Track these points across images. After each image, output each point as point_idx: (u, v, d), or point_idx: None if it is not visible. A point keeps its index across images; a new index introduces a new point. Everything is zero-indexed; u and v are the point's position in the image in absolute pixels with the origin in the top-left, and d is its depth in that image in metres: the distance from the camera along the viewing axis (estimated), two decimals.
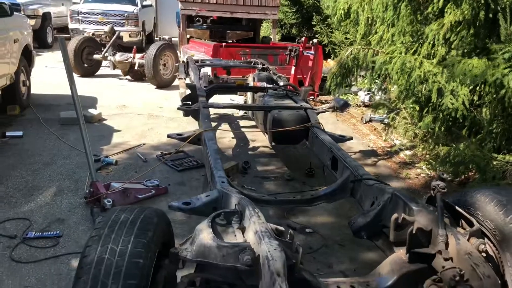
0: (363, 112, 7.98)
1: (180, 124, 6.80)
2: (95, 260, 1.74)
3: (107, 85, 9.58)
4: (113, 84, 9.80)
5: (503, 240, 2.21)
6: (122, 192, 4.09)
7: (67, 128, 6.26)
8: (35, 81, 8.22)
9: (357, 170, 3.26)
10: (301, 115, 4.60)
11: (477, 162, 4.36)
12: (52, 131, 6.05)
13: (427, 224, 2.18)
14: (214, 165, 3.27)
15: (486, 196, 2.37)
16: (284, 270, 1.79)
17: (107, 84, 9.68)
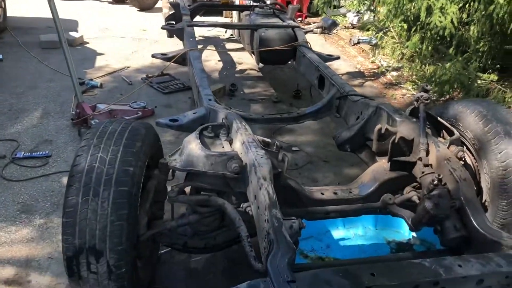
0: (351, 33, 7.85)
1: (164, 46, 6.64)
2: (86, 168, 1.78)
3: (88, 8, 9.22)
4: (94, 7, 9.43)
5: (481, 148, 2.29)
6: (109, 113, 4.08)
7: (48, 51, 6.09)
8: (11, 3, 7.85)
9: (343, 87, 3.28)
10: (289, 34, 4.53)
11: (462, 80, 4.41)
12: (33, 55, 5.89)
13: (409, 133, 2.24)
14: (200, 84, 3.26)
15: (467, 108, 2.42)
16: (270, 176, 1.85)
17: (87, 7, 9.31)
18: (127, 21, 8.24)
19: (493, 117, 2.31)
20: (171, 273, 2.48)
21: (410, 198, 2.19)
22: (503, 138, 2.22)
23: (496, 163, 2.20)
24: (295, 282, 1.38)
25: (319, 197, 2.20)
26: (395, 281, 1.46)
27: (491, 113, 2.34)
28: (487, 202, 2.30)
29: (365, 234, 2.68)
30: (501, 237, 1.72)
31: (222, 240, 2.21)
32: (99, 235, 1.71)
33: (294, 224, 1.67)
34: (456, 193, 1.93)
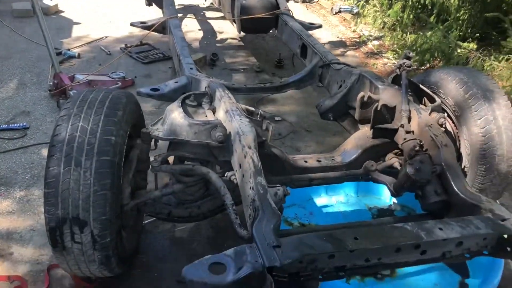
0: (333, 2, 7.76)
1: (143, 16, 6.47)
2: (67, 138, 1.75)
3: None
4: None
5: (461, 115, 2.33)
6: (88, 84, 4.00)
7: (21, 20, 5.88)
8: None
9: (326, 56, 3.27)
10: (270, 1, 4.45)
11: (443, 49, 4.43)
12: (5, 24, 5.66)
13: (392, 101, 2.26)
14: (181, 52, 3.21)
15: (448, 75, 2.45)
16: (255, 144, 1.85)
17: None
18: None
19: (473, 84, 2.34)
20: (156, 242, 2.49)
21: (392, 165, 2.22)
22: (483, 104, 2.25)
23: (476, 129, 2.24)
24: (280, 246, 1.40)
25: (302, 164, 2.22)
26: (378, 244, 1.49)
27: (471, 80, 2.37)
28: (467, 168, 2.35)
29: (347, 201, 2.73)
30: (480, 200, 1.77)
31: (206, 209, 2.22)
32: (82, 205, 1.70)
33: (279, 191, 1.68)
34: (437, 158, 1.96)
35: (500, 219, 1.65)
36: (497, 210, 1.69)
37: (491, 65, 4.19)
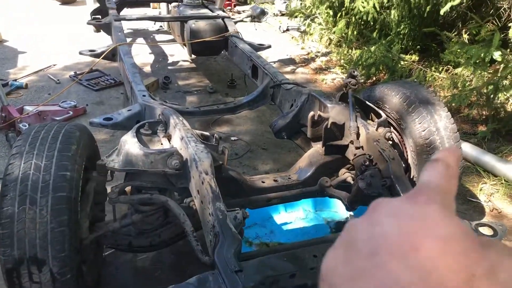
0: (280, 21, 7.97)
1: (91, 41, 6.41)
2: (20, 176, 1.72)
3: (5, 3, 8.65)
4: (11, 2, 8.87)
5: (406, 127, 2.46)
6: (38, 115, 3.91)
7: None
8: None
9: (276, 76, 3.36)
10: (219, 24, 4.54)
11: (387, 62, 4.65)
12: None
13: (340, 118, 2.36)
14: (133, 79, 3.21)
15: (392, 90, 2.58)
16: (212, 169, 1.89)
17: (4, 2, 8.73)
18: (49, 16, 7.85)
19: (415, 98, 2.48)
20: (118, 273, 2.46)
21: (345, 180, 2.32)
22: (425, 117, 2.39)
23: (420, 141, 2.38)
24: (242, 271, 1.43)
25: (260, 185, 2.27)
26: None
27: (414, 94, 2.52)
28: (415, 178, 2.48)
29: (305, 217, 2.79)
30: None
31: (167, 237, 2.22)
32: (40, 244, 1.67)
33: (238, 214, 1.72)
34: (386, 172, 2.06)
35: None
36: None
37: (433, 75, 4.43)
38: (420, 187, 0.36)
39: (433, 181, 0.36)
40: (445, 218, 0.32)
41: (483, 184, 3.32)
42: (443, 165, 0.37)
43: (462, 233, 0.32)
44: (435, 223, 0.32)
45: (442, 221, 0.32)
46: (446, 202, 0.35)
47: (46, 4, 8.78)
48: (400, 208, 0.34)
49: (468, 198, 3.20)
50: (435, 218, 0.32)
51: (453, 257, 0.30)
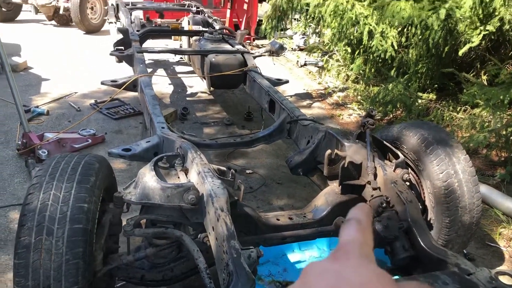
0: (298, 56, 8.08)
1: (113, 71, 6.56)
2: (38, 207, 1.74)
3: (31, 31, 8.95)
4: (38, 30, 9.18)
5: (424, 169, 2.44)
6: (57, 142, 3.98)
7: None
8: None
9: (293, 112, 3.38)
10: (239, 59, 4.61)
11: (404, 100, 4.65)
12: None
13: (358, 158, 2.35)
14: (152, 111, 3.26)
15: (410, 131, 2.58)
16: (227, 206, 1.88)
17: (30, 30, 9.04)
18: (73, 45, 8.08)
19: (433, 139, 2.47)
20: None
21: None
22: (444, 159, 2.37)
23: (438, 183, 2.35)
24: None
25: (275, 223, 2.26)
26: None
27: (432, 135, 2.50)
28: (432, 220, 2.44)
29: (320, 256, 2.75)
30: (446, 255, 1.84)
31: (180, 272, 2.20)
32: (54, 275, 1.67)
33: (252, 253, 1.71)
34: (403, 214, 2.04)
35: (466, 273, 1.71)
36: (462, 264, 1.76)
37: (450, 115, 4.41)
38: (340, 245, 0.42)
39: (350, 238, 0.42)
40: (362, 267, 0.38)
41: (502, 228, 3.25)
42: (355, 222, 0.43)
43: (377, 278, 0.37)
44: (353, 273, 0.37)
45: (358, 271, 0.37)
46: (364, 252, 0.40)
47: (71, 33, 9.06)
48: (325, 268, 0.39)
49: (486, 242, 3.13)
50: (352, 269, 0.38)
51: None
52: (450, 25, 4.17)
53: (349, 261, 0.39)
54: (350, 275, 0.37)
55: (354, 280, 0.36)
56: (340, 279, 0.37)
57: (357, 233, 0.43)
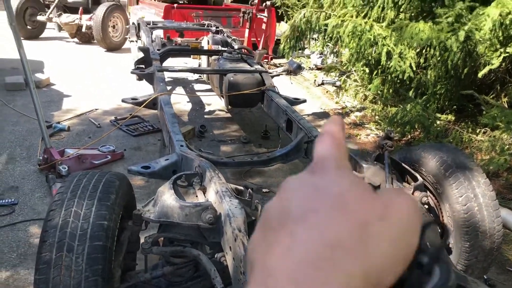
0: (315, 75, 8.12)
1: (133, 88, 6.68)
2: (60, 223, 1.77)
3: (54, 48, 9.18)
4: (60, 47, 9.41)
5: (443, 192, 2.42)
6: (78, 158, 4.04)
7: (13, 93, 6.02)
8: None
9: (311, 131, 3.39)
10: (257, 78, 4.66)
11: (422, 121, 4.62)
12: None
13: (376, 180, 2.35)
14: (172, 129, 3.30)
15: (429, 153, 2.56)
16: (245, 226, 1.89)
17: (53, 47, 9.27)
18: (94, 62, 8.26)
19: (453, 162, 2.45)
20: None
21: None
22: (463, 182, 2.35)
23: (458, 207, 2.33)
24: None
25: None
26: None
27: (451, 158, 2.49)
28: (451, 244, 2.41)
29: None
30: (465, 281, 1.80)
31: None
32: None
33: None
34: None
35: None
36: None
37: (469, 137, 4.37)
38: (316, 160, 0.41)
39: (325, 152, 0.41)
40: (339, 178, 0.37)
41: None
42: (329, 136, 0.42)
43: (356, 187, 0.36)
44: (331, 184, 0.36)
45: (336, 182, 0.36)
46: (341, 164, 0.39)
47: (93, 50, 9.26)
48: (302, 181, 0.38)
49: (507, 268, 3.06)
50: (330, 181, 0.37)
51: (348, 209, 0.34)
52: (469, 46, 4.16)
53: (326, 174, 0.38)
54: (329, 186, 0.36)
55: (333, 190, 0.36)
56: (318, 191, 0.36)
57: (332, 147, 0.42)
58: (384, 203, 0.35)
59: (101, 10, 8.98)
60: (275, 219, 0.36)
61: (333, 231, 0.33)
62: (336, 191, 0.35)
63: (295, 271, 0.32)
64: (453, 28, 4.01)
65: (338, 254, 0.32)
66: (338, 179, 0.37)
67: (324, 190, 0.36)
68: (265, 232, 0.36)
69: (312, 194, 0.36)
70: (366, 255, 0.32)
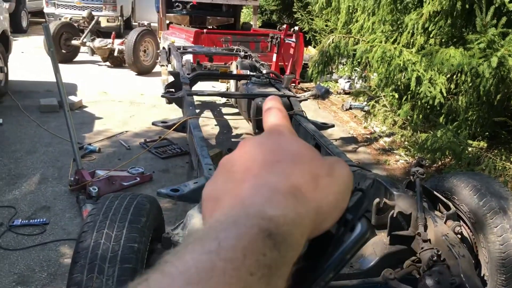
0: (343, 99, 8.10)
1: (162, 111, 6.81)
2: (91, 245, 1.80)
3: (87, 72, 9.46)
4: (93, 71, 9.69)
5: (477, 222, 2.35)
6: (108, 180, 4.11)
7: (47, 115, 6.21)
8: (12, 67, 8.06)
9: (340, 157, 3.37)
10: (285, 103, 4.67)
11: (453, 148, 4.53)
12: (32, 119, 5.99)
13: (407, 208, 2.30)
14: (200, 153, 3.33)
15: (462, 181, 2.51)
16: None
17: (86, 71, 9.55)
18: (125, 85, 8.46)
19: (487, 191, 2.39)
20: None
21: (410, 272, 2.21)
22: (498, 212, 2.28)
23: (493, 237, 2.25)
24: None
25: None
26: None
27: (484, 187, 2.42)
28: (486, 276, 2.33)
29: None
30: None
31: None
32: None
33: None
34: (455, 269, 1.95)
35: None
36: None
37: (503, 165, 4.25)
38: (270, 127, 0.47)
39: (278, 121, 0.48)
40: (295, 141, 0.44)
41: None
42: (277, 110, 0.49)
43: (309, 148, 0.43)
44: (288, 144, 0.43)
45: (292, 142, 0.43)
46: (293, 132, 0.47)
47: (124, 73, 9.50)
48: (263, 140, 0.44)
49: None
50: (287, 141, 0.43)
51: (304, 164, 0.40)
52: (502, 73, 4.09)
53: (283, 136, 0.45)
54: (288, 145, 0.43)
55: (292, 148, 0.42)
56: (280, 147, 0.42)
57: (282, 118, 0.48)
58: (330, 165, 0.43)
59: (133, 35, 9.23)
60: (239, 166, 0.41)
61: (293, 178, 0.39)
62: (295, 148, 0.42)
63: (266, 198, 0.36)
64: (485, 54, 3.96)
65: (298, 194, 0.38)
66: (294, 141, 0.44)
67: (285, 147, 0.42)
68: (229, 177, 0.41)
69: (275, 149, 0.42)
70: (317, 200, 0.39)
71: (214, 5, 12.34)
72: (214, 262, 0.30)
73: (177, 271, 0.30)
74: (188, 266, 0.30)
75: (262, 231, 0.33)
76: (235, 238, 0.32)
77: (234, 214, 0.35)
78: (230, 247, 0.32)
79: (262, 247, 0.32)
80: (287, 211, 0.36)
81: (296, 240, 0.36)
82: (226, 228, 0.33)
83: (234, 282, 0.30)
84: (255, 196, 0.37)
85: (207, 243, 0.32)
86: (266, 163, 0.40)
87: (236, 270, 0.30)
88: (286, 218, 0.35)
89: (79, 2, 13.93)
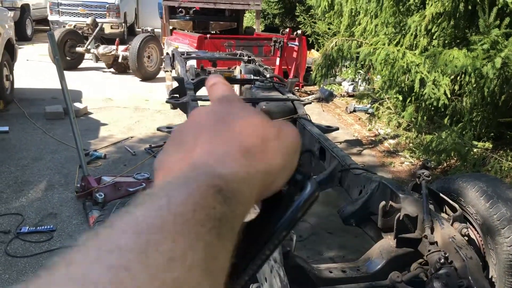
0: (347, 102, 8.10)
1: (167, 116, 6.83)
2: None
3: (91, 78, 9.51)
4: (97, 77, 9.74)
5: (484, 224, 2.34)
6: (113, 186, 4.13)
7: (53, 122, 6.25)
8: (18, 75, 8.11)
9: (345, 160, 3.36)
10: (289, 106, 4.68)
11: (458, 149, 4.52)
12: (38, 126, 6.03)
13: (413, 210, 2.30)
14: None
15: (468, 183, 2.50)
16: (281, 257, 1.88)
17: (91, 77, 9.60)
18: (130, 91, 8.50)
19: (493, 193, 2.38)
20: None
21: (417, 275, 2.21)
22: (505, 214, 2.27)
23: (500, 239, 2.25)
24: None
25: (327, 275, 2.21)
26: None
27: (491, 189, 2.42)
28: (494, 278, 2.32)
29: None
30: None
31: None
32: None
33: None
34: (463, 272, 1.95)
35: None
36: None
37: (509, 165, 4.24)
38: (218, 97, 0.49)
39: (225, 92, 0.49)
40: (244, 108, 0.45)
41: None
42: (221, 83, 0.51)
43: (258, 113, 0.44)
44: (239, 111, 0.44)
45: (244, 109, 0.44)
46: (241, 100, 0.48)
47: (128, 79, 9.55)
48: (212, 108, 0.46)
49: None
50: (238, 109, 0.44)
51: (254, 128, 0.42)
52: (506, 73, 4.09)
53: (233, 104, 0.46)
54: (238, 111, 0.44)
55: (242, 114, 0.43)
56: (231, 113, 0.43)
57: (230, 90, 0.50)
58: (278, 128, 0.44)
59: (137, 41, 9.28)
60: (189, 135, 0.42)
61: (244, 141, 0.41)
62: (244, 114, 0.44)
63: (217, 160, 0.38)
64: (489, 55, 3.95)
65: (248, 156, 0.39)
66: (244, 108, 0.45)
67: (235, 114, 0.43)
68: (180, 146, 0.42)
69: (224, 115, 0.43)
70: (266, 161, 0.41)
71: (217, 10, 12.41)
72: (164, 217, 0.31)
73: (127, 225, 0.30)
74: (138, 221, 0.31)
75: (212, 187, 0.34)
76: (186, 194, 0.33)
77: (185, 175, 0.36)
78: (180, 202, 0.32)
79: (212, 201, 0.34)
80: (236, 170, 0.38)
81: (245, 198, 0.37)
82: (177, 187, 0.34)
83: (186, 232, 0.31)
84: (205, 159, 0.38)
85: (157, 200, 0.32)
86: (216, 129, 0.42)
87: (187, 222, 0.31)
88: (236, 176, 0.37)
89: (83, 10, 14.03)
